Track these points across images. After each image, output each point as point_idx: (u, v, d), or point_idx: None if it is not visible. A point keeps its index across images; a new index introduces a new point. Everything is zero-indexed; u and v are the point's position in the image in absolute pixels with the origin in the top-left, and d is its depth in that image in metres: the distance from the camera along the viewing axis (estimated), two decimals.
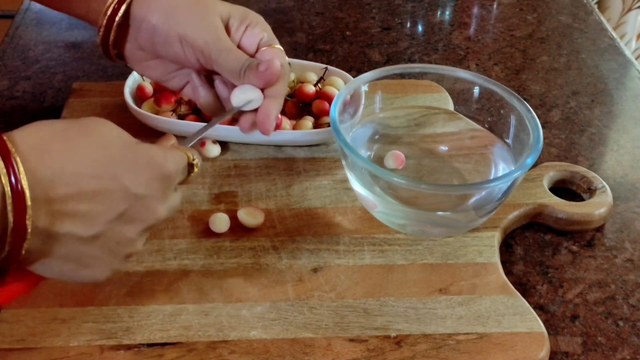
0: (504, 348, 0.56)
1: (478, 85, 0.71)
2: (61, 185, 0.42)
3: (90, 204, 0.43)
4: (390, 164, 0.69)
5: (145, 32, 0.61)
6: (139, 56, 0.64)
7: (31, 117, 0.81)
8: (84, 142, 0.44)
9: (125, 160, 0.45)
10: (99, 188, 0.44)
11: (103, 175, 0.44)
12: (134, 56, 0.64)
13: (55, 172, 0.42)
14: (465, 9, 1.06)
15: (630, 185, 0.74)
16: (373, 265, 0.63)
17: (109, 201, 0.44)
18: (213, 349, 0.55)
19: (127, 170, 0.45)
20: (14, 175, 0.41)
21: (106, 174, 0.44)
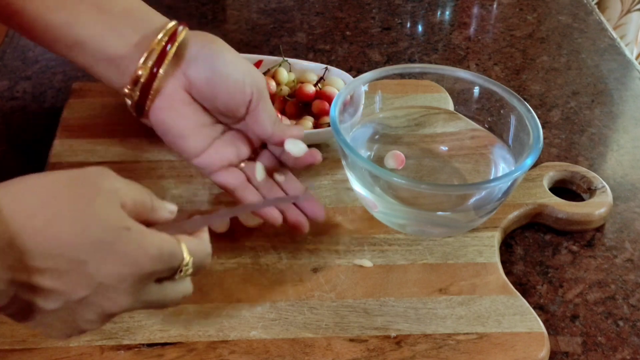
0: (504, 348, 0.56)
1: (478, 85, 0.71)
2: (33, 258, 0.42)
3: (55, 282, 0.43)
4: (391, 164, 0.69)
5: (204, 59, 0.58)
6: (178, 97, 0.59)
7: (31, 117, 0.81)
8: (64, 218, 0.43)
9: (100, 248, 0.43)
10: (66, 269, 0.43)
11: (73, 259, 0.43)
12: (174, 95, 0.59)
13: (30, 246, 0.41)
14: (465, 9, 1.06)
15: (630, 185, 0.74)
16: (373, 265, 0.63)
17: (71, 284, 0.43)
18: (213, 349, 0.55)
19: (98, 260, 0.43)
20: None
21: (76, 259, 0.43)
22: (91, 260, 0.43)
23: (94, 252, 0.43)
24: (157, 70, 0.58)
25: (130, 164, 0.72)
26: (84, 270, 0.43)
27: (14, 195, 0.42)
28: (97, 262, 0.43)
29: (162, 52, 0.57)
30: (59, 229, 0.42)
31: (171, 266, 0.46)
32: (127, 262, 0.44)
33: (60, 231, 0.42)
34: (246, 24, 0.99)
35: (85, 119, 0.77)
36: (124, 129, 0.75)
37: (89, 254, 0.43)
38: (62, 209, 0.43)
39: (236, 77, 0.59)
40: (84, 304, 0.44)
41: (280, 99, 0.77)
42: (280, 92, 0.77)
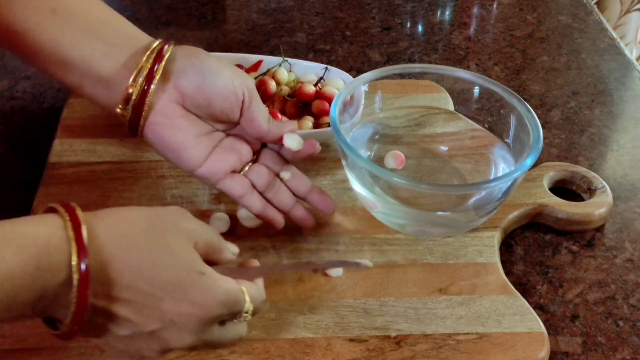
0: (504, 348, 0.56)
1: (478, 85, 0.71)
2: (116, 288, 0.45)
3: (132, 313, 0.46)
4: (390, 164, 0.69)
5: (193, 69, 0.59)
6: (171, 111, 0.60)
7: (31, 117, 0.81)
8: (149, 257, 0.46)
9: (176, 288, 0.47)
10: (143, 303, 0.46)
11: (152, 295, 0.46)
12: (167, 110, 0.60)
13: (115, 277, 0.45)
14: (465, 9, 1.06)
15: (630, 185, 0.74)
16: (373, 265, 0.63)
17: (145, 317, 0.47)
18: (213, 349, 0.55)
19: (173, 299, 0.47)
20: (85, 271, 0.43)
21: (154, 295, 0.46)
22: (167, 298, 0.47)
23: (170, 291, 0.47)
24: (147, 88, 0.58)
25: (130, 164, 0.72)
26: (159, 307, 0.46)
27: (107, 226, 0.46)
28: (172, 301, 0.47)
29: (151, 69, 0.58)
30: (143, 265, 0.46)
31: (234, 311, 0.50)
32: (198, 304, 0.47)
33: (143, 267, 0.46)
34: (246, 24, 0.99)
35: (85, 119, 0.77)
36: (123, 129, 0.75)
37: (166, 293, 0.46)
38: (146, 245, 0.47)
39: (225, 81, 0.60)
40: (151, 336, 0.47)
41: (280, 99, 0.77)
42: (280, 92, 0.77)
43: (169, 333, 0.47)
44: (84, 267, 0.43)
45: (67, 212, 0.45)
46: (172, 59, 0.59)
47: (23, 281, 0.42)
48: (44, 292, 0.43)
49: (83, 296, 0.43)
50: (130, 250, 0.46)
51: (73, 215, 0.44)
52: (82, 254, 0.43)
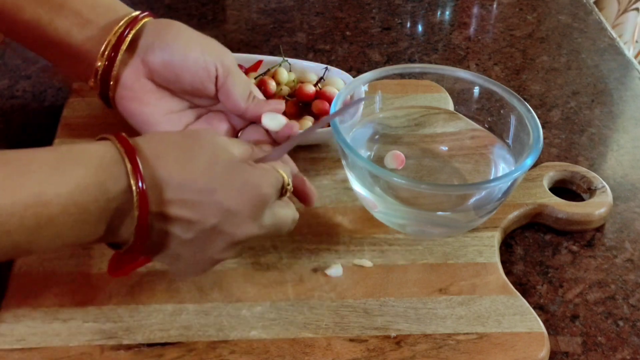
0: (504, 348, 0.56)
1: (478, 85, 0.71)
2: (169, 190, 0.48)
3: (189, 211, 0.48)
4: (390, 164, 0.69)
5: (160, 44, 0.59)
6: (139, 86, 0.61)
7: (31, 116, 0.81)
8: (193, 156, 0.49)
9: (225, 178, 0.49)
10: (198, 200, 0.48)
11: (203, 189, 0.48)
12: (135, 85, 0.61)
13: (166, 179, 0.48)
14: (465, 9, 1.06)
15: (630, 185, 0.74)
16: (373, 265, 0.63)
17: (204, 212, 0.48)
18: (213, 349, 0.55)
19: (225, 188, 0.49)
20: (140, 177, 0.46)
21: (206, 189, 0.49)
22: (219, 188, 0.49)
23: (221, 180, 0.49)
24: (113, 61, 0.59)
25: None
26: (214, 199, 0.49)
27: (149, 139, 0.50)
28: (224, 190, 0.49)
29: (117, 40, 0.59)
30: (189, 161, 0.49)
31: (278, 188, 0.53)
32: (248, 188, 0.50)
33: (190, 163, 0.49)
34: (246, 24, 0.99)
35: (86, 118, 0.77)
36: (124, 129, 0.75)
37: (218, 182, 0.49)
38: (188, 144, 0.50)
39: (195, 55, 0.60)
40: (215, 232, 0.49)
41: (281, 99, 0.77)
42: (280, 92, 0.77)
43: (229, 225, 0.49)
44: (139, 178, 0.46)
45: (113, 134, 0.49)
46: (141, 33, 0.60)
47: (91, 193, 0.45)
48: (108, 203, 0.46)
49: (143, 201, 0.46)
50: (175, 150, 0.49)
51: (119, 135, 0.48)
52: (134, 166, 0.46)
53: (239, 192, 0.50)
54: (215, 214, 0.49)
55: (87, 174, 0.46)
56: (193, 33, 0.61)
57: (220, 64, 0.61)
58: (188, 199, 0.48)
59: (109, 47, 0.59)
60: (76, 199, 0.45)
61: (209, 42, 0.61)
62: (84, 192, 0.45)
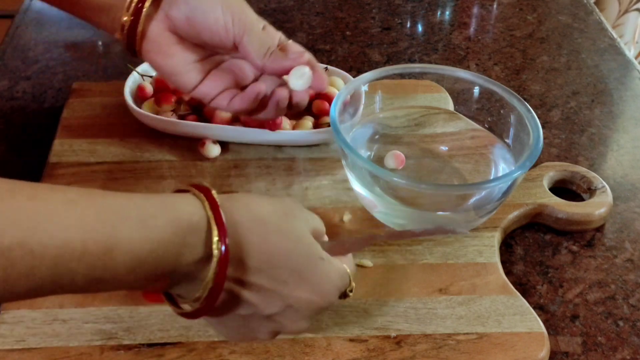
0: (504, 348, 0.56)
1: (478, 85, 0.71)
2: (245, 270, 0.46)
3: (254, 295, 0.47)
4: (390, 164, 0.69)
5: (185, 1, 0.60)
6: (165, 38, 0.62)
7: (31, 117, 0.81)
8: (279, 242, 0.47)
9: (298, 273, 0.48)
10: (265, 286, 0.47)
11: (274, 278, 0.47)
12: (159, 38, 0.62)
13: (246, 257, 0.46)
14: (465, 9, 1.06)
15: (630, 185, 0.74)
16: (373, 265, 0.63)
17: (265, 301, 0.47)
18: (213, 349, 0.55)
19: (296, 283, 0.47)
20: (225, 246, 0.44)
21: (276, 278, 0.47)
22: (291, 283, 0.47)
23: (295, 276, 0.47)
24: (139, 13, 0.60)
25: (130, 164, 0.72)
26: (282, 290, 0.47)
27: (240, 208, 0.47)
28: (294, 286, 0.48)
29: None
30: (272, 249, 0.47)
31: (342, 292, 0.52)
32: (317, 290, 0.49)
33: (273, 251, 0.47)
34: None
35: (85, 119, 0.77)
36: (124, 129, 0.75)
37: (291, 277, 0.47)
38: (274, 232, 0.47)
39: (216, 15, 0.60)
40: (269, 319, 0.48)
41: None
42: None
43: (284, 318, 0.48)
44: (223, 247, 0.43)
45: (202, 192, 0.45)
46: None
47: (167, 251, 0.43)
48: (178, 266, 0.44)
49: (221, 274, 0.44)
50: (262, 233, 0.46)
51: (209, 196, 0.45)
52: (222, 233, 0.44)
53: (309, 292, 0.48)
54: (278, 304, 0.48)
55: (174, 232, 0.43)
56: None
57: (238, 21, 0.61)
58: (260, 285, 0.47)
59: (134, 2, 0.60)
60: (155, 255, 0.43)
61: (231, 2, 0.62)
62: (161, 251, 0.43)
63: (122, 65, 0.88)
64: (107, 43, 0.94)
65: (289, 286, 0.47)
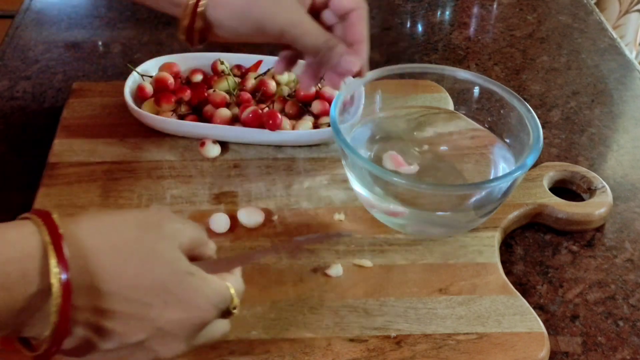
0: (504, 348, 0.56)
1: (478, 85, 0.71)
2: (100, 297, 0.42)
3: (114, 323, 0.43)
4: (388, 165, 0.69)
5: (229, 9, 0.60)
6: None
7: (31, 117, 0.81)
8: (136, 262, 0.44)
9: (163, 293, 0.44)
10: (127, 312, 0.43)
11: (135, 301, 0.43)
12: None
13: (97, 283, 0.42)
14: (465, 9, 1.06)
15: (630, 185, 0.74)
16: (373, 265, 0.63)
17: (130, 328, 0.44)
18: (213, 349, 0.55)
19: (162, 303, 0.44)
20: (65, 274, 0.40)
21: (138, 301, 0.43)
22: (156, 304, 0.44)
23: (160, 296, 0.44)
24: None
25: (130, 164, 0.72)
26: (148, 315, 0.43)
27: (87, 230, 0.43)
28: (161, 307, 0.44)
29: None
30: (129, 270, 0.43)
31: (223, 310, 0.48)
32: (190, 308, 0.45)
33: (129, 273, 0.43)
34: None
35: (85, 119, 0.77)
36: (124, 129, 0.75)
37: (155, 298, 0.44)
38: (131, 254, 0.44)
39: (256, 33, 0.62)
40: (139, 347, 0.44)
41: (280, 99, 0.77)
42: (280, 92, 0.77)
43: (157, 343, 0.45)
44: (64, 276, 0.39)
45: (40, 217, 0.41)
46: None
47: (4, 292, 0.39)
48: (15, 303, 0.39)
49: (66, 307, 0.40)
50: (117, 255, 0.43)
51: (48, 220, 0.41)
52: (61, 260, 0.40)
53: (177, 312, 0.44)
54: (145, 329, 0.44)
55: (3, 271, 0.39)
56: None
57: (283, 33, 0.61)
58: (120, 311, 0.43)
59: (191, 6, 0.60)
60: None
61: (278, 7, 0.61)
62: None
63: (122, 65, 0.88)
64: (107, 43, 0.94)
65: (155, 308, 0.44)
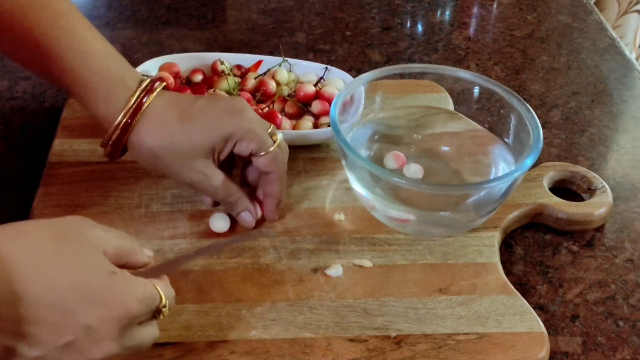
0: (504, 348, 0.56)
1: (478, 85, 0.71)
2: (14, 306, 0.42)
3: (37, 328, 0.43)
4: (391, 164, 0.69)
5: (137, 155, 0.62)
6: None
7: (31, 117, 0.81)
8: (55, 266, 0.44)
9: (88, 291, 0.44)
10: (53, 318, 0.43)
11: (59, 306, 0.43)
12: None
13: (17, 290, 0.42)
14: (465, 9, 1.06)
15: (630, 185, 0.74)
16: (373, 265, 0.63)
17: (56, 329, 0.43)
18: (213, 349, 0.55)
19: (85, 303, 0.44)
20: None
21: (62, 306, 0.43)
22: (80, 306, 0.44)
23: (83, 298, 0.44)
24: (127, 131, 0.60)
25: (130, 164, 0.71)
26: (72, 317, 0.44)
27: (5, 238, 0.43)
28: (85, 308, 0.44)
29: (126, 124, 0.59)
30: (49, 275, 0.43)
31: (152, 308, 0.48)
32: (115, 305, 0.45)
33: (50, 279, 0.43)
34: (246, 24, 0.99)
35: (86, 119, 0.76)
36: None
37: (78, 300, 0.44)
38: (50, 258, 0.44)
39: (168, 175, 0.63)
40: (68, 349, 0.44)
41: (280, 99, 0.77)
42: (280, 92, 0.77)
43: (86, 343, 0.44)
44: None
45: None
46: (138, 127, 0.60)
47: None
48: None
49: None
50: (34, 261, 0.43)
51: None
52: None
53: (102, 310, 0.44)
54: (72, 331, 0.43)
55: None
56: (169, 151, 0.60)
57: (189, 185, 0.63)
58: (43, 317, 0.43)
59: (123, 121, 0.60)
60: None
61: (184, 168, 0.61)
62: None
63: None
64: None
65: (79, 309, 0.44)
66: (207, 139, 0.60)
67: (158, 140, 0.60)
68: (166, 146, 0.60)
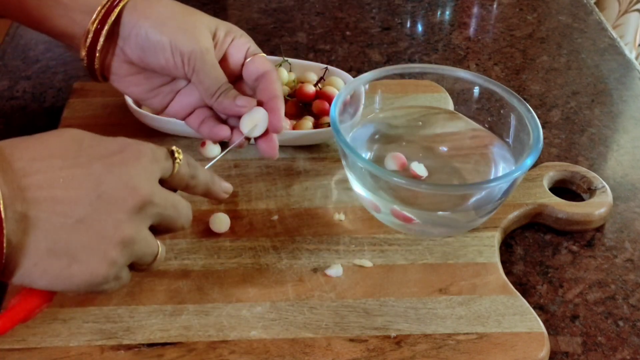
0: (504, 348, 0.56)
1: (478, 85, 0.71)
2: (33, 173, 0.43)
3: (66, 189, 0.43)
4: (391, 165, 0.69)
5: (135, 38, 0.60)
6: (124, 70, 0.62)
7: (31, 117, 0.81)
8: (55, 137, 0.46)
9: (95, 146, 0.47)
10: (72, 173, 0.44)
11: (74, 161, 0.45)
12: (119, 70, 0.62)
13: (27, 162, 0.44)
14: (465, 9, 1.06)
15: (630, 185, 0.74)
16: (373, 265, 0.63)
17: (85, 184, 0.44)
18: (213, 349, 0.56)
19: (97, 154, 0.46)
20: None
21: (77, 160, 0.45)
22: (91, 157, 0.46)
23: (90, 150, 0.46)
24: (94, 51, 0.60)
25: None
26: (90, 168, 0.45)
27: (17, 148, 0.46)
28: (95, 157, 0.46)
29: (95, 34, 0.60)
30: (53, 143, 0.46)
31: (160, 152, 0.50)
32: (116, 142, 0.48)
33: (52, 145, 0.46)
34: (247, 23, 0.99)
35: (86, 119, 0.77)
36: (125, 129, 0.75)
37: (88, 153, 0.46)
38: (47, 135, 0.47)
39: (165, 55, 0.60)
40: (105, 200, 0.44)
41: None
42: None
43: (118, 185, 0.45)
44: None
45: None
46: (119, 21, 0.60)
47: None
48: None
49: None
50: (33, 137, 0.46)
51: None
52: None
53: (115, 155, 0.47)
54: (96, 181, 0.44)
55: None
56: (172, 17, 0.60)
57: (187, 60, 0.60)
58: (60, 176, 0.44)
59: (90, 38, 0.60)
60: None
61: (186, 28, 0.60)
62: None
63: None
64: None
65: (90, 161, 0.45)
66: (212, 20, 0.62)
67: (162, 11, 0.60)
68: (169, 16, 0.60)
